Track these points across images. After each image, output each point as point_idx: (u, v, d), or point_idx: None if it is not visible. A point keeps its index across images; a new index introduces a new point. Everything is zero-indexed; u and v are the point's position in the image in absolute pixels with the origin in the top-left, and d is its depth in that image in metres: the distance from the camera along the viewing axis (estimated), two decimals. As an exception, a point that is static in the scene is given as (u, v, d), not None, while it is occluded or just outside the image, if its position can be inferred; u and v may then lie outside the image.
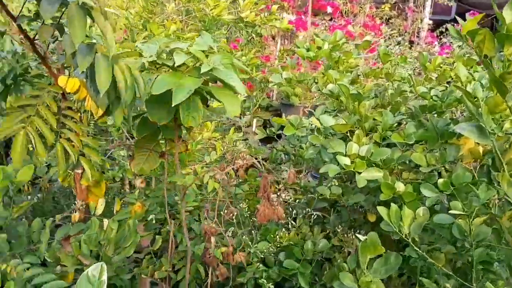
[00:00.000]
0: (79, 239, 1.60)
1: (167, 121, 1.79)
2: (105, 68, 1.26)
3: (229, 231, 1.71)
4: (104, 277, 1.02)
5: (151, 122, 2.11)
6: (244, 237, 1.81)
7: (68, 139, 1.63)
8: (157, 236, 2.15)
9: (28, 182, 2.71)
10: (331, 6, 6.51)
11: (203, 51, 1.65)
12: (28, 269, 1.41)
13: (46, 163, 2.51)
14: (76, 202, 2.12)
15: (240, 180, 2.43)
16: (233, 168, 2.82)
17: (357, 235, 1.55)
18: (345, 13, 6.93)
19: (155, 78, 1.61)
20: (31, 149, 1.57)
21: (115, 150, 2.84)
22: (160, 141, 2.44)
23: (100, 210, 2.04)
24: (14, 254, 1.56)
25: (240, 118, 4.81)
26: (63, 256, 1.49)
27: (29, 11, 1.67)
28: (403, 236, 1.47)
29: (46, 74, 1.65)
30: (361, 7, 6.96)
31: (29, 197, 2.67)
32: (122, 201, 2.22)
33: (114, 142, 2.46)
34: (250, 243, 1.85)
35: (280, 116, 3.56)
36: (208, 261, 1.55)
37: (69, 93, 1.60)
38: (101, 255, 1.51)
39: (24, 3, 1.47)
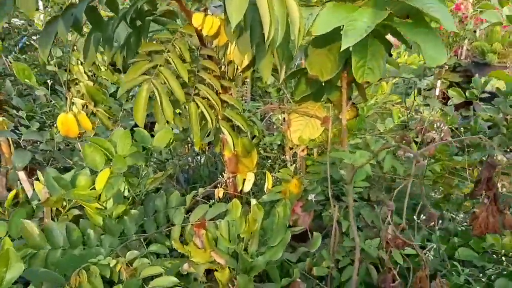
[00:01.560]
0: (216, 226, 1.24)
1: (332, 74, 1.30)
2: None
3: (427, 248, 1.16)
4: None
5: (311, 78, 1.65)
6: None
7: (206, 98, 1.26)
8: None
9: (187, 144, 2.50)
10: None
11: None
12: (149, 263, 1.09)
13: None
14: (223, 173, 1.80)
15: (429, 159, 1.82)
16: (416, 141, 2.21)
17: None
18: None
19: (318, 12, 1.13)
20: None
21: (272, 114, 2.47)
22: (324, 104, 1.97)
23: (248, 186, 1.68)
24: (140, 238, 1.27)
25: (420, 80, 4.06)
26: (193, 250, 1.14)
27: None
28: None
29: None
30: None
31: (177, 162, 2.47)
32: (274, 176, 1.83)
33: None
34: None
35: (470, 78, 2.75)
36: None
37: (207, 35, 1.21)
38: (239, 254, 1.12)
39: None
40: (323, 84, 1.74)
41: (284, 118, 2.42)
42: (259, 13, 0.94)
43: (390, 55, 1.43)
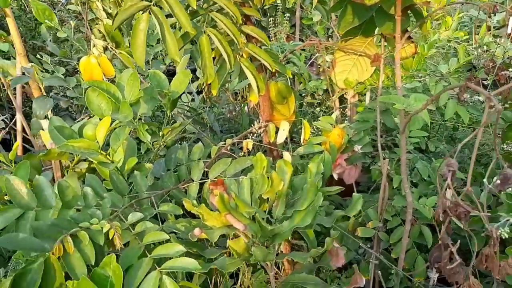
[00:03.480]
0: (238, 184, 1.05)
1: None
2: None
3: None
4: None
5: (358, 5, 1.38)
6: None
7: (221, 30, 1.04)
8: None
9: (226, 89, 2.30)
10: None
11: None
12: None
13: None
14: (256, 121, 1.59)
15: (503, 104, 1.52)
16: (485, 85, 1.87)
17: None
18: None
19: None
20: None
21: (319, 55, 2.20)
22: (374, 40, 1.68)
23: (281, 137, 1.46)
24: (151, 196, 1.10)
25: (490, 17, 3.61)
26: (205, 212, 0.96)
27: None
28: None
29: None
30: None
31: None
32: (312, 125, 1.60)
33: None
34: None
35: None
36: (445, 269, 0.82)
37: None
38: (257, 219, 0.92)
39: None
40: (373, 14, 1.46)
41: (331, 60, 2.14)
42: None
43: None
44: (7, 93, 2.04)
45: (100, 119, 1.14)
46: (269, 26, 2.63)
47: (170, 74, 1.80)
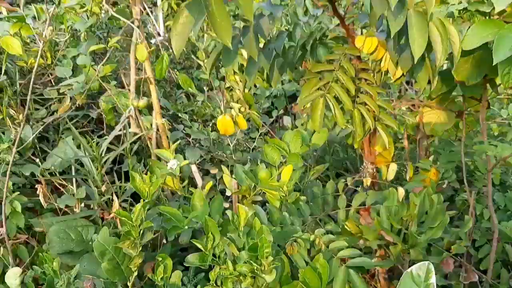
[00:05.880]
0: (377, 210, 1.51)
1: (477, 80, 1.49)
2: (421, 28, 1.06)
3: None
4: (432, 280, 0.87)
5: (449, 80, 1.84)
6: None
7: (364, 103, 1.53)
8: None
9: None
10: None
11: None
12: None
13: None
14: (364, 165, 2.05)
15: None
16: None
17: None
18: None
19: (467, 29, 1.33)
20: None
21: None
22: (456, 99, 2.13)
23: (391, 175, 1.92)
24: (315, 218, 1.58)
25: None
26: (365, 229, 1.42)
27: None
28: None
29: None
30: None
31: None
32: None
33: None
34: None
35: None
36: None
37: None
38: (406, 232, 1.38)
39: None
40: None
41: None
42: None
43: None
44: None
45: (274, 166, 1.65)
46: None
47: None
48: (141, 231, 1.19)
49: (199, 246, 1.14)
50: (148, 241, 1.47)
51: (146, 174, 1.40)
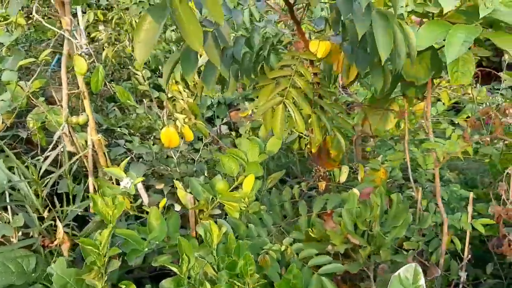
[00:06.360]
0: (339, 213, 1.51)
1: (426, 80, 1.55)
2: (385, 29, 1.07)
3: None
4: (421, 282, 0.86)
5: (394, 81, 1.90)
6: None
7: (320, 107, 1.53)
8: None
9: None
10: None
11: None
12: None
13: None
14: (315, 169, 2.06)
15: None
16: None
17: None
18: None
19: (417, 30, 1.37)
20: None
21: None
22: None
23: (344, 177, 1.94)
24: (278, 227, 1.55)
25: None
26: (332, 234, 1.41)
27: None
28: None
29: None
30: None
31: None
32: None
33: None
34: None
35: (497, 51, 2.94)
36: (507, 251, 1.31)
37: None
38: (370, 233, 1.39)
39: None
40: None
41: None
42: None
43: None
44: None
45: (231, 176, 1.59)
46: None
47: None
48: (106, 260, 1.09)
49: (174, 269, 1.06)
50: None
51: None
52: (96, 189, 1.55)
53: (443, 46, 1.51)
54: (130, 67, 2.97)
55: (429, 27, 1.37)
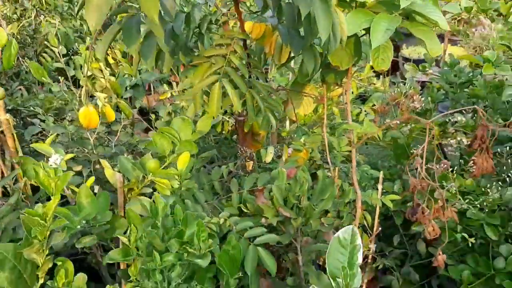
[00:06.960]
0: (269, 190, 1.59)
1: (349, 65, 1.66)
2: (325, 11, 1.15)
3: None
4: (358, 241, 0.96)
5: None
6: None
7: (254, 86, 1.58)
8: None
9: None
10: None
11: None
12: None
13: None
14: (241, 150, 2.12)
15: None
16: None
17: None
18: None
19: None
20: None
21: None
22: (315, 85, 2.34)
23: (269, 158, 2.02)
24: (209, 203, 1.58)
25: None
26: (265, 208, 1.48)
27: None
28: None
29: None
30: None
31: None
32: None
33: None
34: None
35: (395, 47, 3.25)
36: (420, 217, 1.47)
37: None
38: (300, 207, 1.48)
39: None
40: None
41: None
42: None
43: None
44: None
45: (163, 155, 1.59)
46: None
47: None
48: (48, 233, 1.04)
49: (123, 240, 1.05)
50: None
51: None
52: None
53: (364, 34, 1.66)
54: (38, 44, 2.78)
55: (355, 15, 1.48)
